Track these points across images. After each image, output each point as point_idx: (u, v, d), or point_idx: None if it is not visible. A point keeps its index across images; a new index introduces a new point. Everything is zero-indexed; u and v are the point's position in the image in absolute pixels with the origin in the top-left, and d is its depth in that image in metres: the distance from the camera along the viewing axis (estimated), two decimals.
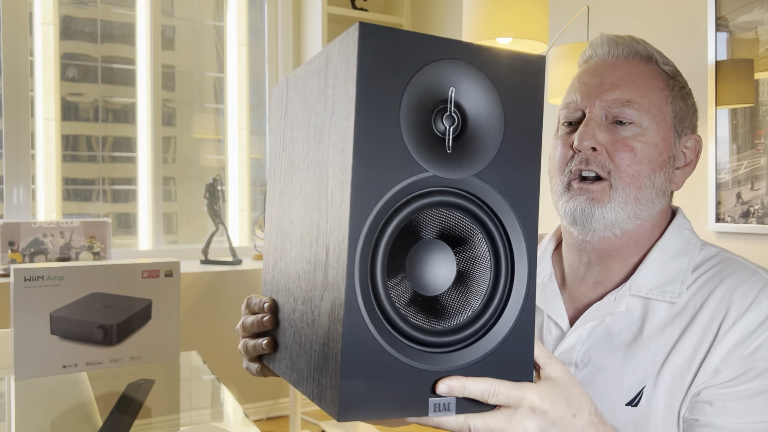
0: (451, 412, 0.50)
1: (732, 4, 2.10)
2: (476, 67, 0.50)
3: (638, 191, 0.76)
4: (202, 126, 3.42)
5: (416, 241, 0.50)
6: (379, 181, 0.47)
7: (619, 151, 0.75)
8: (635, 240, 0.79)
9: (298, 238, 0.57)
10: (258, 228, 3.40)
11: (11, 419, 1.12)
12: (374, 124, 0.47)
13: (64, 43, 3.06)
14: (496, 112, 0.51)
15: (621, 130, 0.76)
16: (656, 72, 0.79)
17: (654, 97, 0.77)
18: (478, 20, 1.88)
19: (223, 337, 3.04)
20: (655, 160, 0.76)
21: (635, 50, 0.80)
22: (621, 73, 0.78)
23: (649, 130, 0.76)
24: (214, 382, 1.38)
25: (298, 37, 3.52)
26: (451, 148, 0.50)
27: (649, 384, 0.73)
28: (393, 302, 0.49)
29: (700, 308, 0.73)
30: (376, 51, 0.47)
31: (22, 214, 2.93)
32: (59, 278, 1.33)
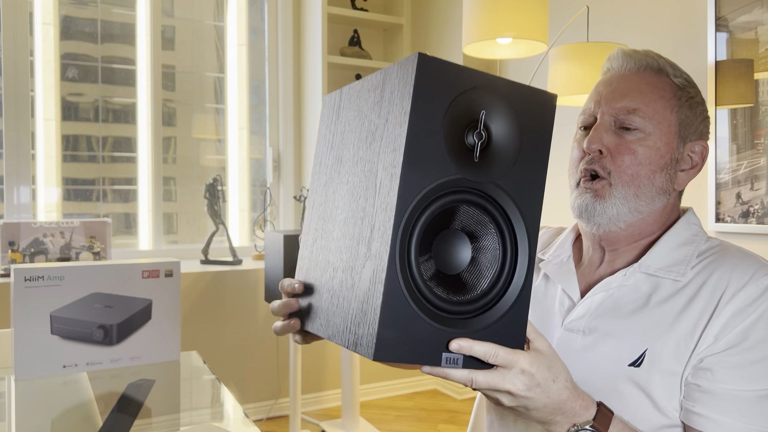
0: (459, 366, 0.64)
1: (732, 4, 2.10)
2: (503, 96, 0.65)
3: (637, 189, 0.85)
4: (202, 126, 3.42)
5: (443, 230, 0.64)
6: (422, 176, 0.60)
7: (621, 154, 0.85)
8: (639, 231, 0.88)
9: (342, 220, 0.69)
10: (258, 228, 3.40)
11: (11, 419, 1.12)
12: (421, 133, 0.60)
13: (64, 43, 3.06)
14: (515, 135, 0.65)
15: (626, 135, 0.85)
16: (665, 83, 0.87)
17: (659, 106, 0.86)
18: (478, 20, 1.88)
19: (223, 337, 3.04)
20: (656, 162, 0.85)
21: (646, 63, 0.88)
22: (630, 83, 0.87)
23: (653, 135, 0.85)
24: (214, 382, 1.38)
25: (298, 37, 3.52)
26: (478, 158, 0.64)
27: (650, 347, 0.80)
28: (422, 274, 0.62)
29: (703, 284, 0.81)
30: (428, 77, 0.60)
31: (22, 214, 2.93)
32: (59, 278, 1.33)
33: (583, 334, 0.86)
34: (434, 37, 3.45)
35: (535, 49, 2.04)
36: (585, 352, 0.85)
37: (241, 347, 3.09)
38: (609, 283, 0.86)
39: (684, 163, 0.88)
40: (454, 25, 3.30)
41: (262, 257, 3.32)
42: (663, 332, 0.80)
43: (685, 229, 0.88)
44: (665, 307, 0.82)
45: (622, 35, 2.55)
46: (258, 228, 3.40)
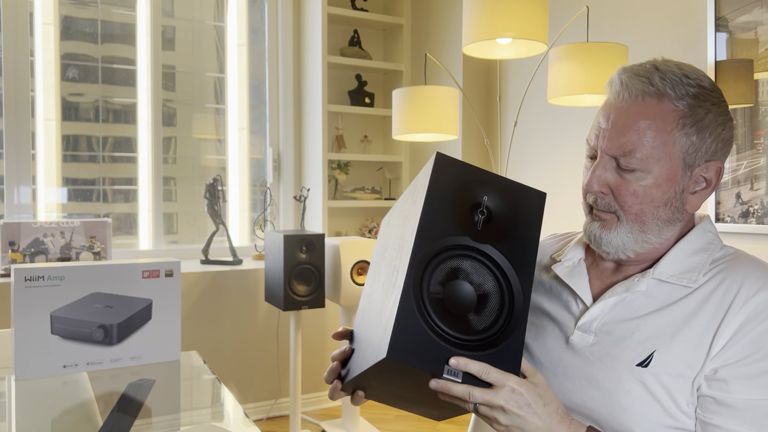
0: (459, 380, 0.76)
1: (732, 4, 2.10)
2: (502, 189, 0.85)
3: (642, 225, 0.86)
4: (203, 126, 3.42)
5: (452, 279, 0.80)
6: (433, 234, 0.80)
7: (622, 195, 0.85)
8: (651, 257, 0.89)
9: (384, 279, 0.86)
10: (258, 228, 3.40)
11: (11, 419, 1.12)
12: (435, 205, 0.81)
13: (64, 44, 3.06)
14: (511, 215, 0.84)
15: (626, 175, 0.84)
16: (666, 111, 0.82)
17: (660, 142, 0.82)
18: (478, 20, 1.88)
19: (223, 337, 3.04)
20: (658, 199, 0.84)
21: (644, 91, 0.83)
22: (627, 119, 0.83)
23: (653, 172, 0.83)
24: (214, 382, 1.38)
25: (298, 37, 3.52)
26: (480, 228, 0.82)
27: (659, 349, 0.81)
28: (431, 304, 0.77)
29: (714, 290, 0.82)
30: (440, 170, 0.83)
31: (22, 214, 2.94)
32: (60, 278, 1.33)
33: (595, 335, 0.87)
34: (434, 37, 3.45)
35: (535, 49, 2.04)
36: (596, 352, 0.86)
37: (241, 347, 3.09)
38: (622, 287, 0.88)
39: (696, 185, 0.86)
40: (454, 25, 3.30)
41: (262, 257, 3.32)
42: (672, 335, 0.81)
43: (700, 236, 0.88)
44: (675, 311, 0.82)
45: (622, 35, 2.55)
46: (258, 228, 3.40)
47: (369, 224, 3.62)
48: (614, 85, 0.86)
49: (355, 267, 2.68)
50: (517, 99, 3.14)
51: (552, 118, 2.92)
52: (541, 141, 2.98)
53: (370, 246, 2.72)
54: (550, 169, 2.93)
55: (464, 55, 3.22)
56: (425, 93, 2.40)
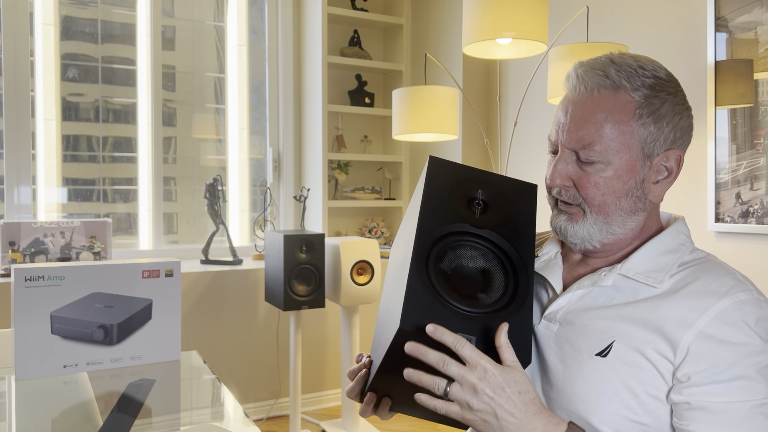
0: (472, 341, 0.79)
1: (732, 4, 2.10)
2: (494, 181, 0.92)
3: (606, 216, 0.87)
4: (203, 126, 3.42)
5: (456, 262, 0.85)
6: (435, 223, 0.85)
7: (584, 187, 0.86)
8: (617, 247, 0.91)
9: (395, 282, 0.88)
10: (258, 228, 3.40)
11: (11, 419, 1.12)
12: (433, 202, 0.87)
13: (64, 44, 3.06)
14: (506, 206, 0.91)
15: (586, 167, 0.86)
16: (623, 102, 0.84)
17: (617, 133, 0.84)
18: (478, 20, 1.88)
19: (223, 337, 3.04)
20: (619, 189, 0.86)
21: (600, 84, 0.85)
22: (584, 112, 0.85)
23: (613, 164, 0.85)
24: (214, 382, 1.38)
25: (298, 37, 3.52)
26: (478, 215, 0.88)
27: (618, 340, 0.82)
28: (439, 282, 0.81)
29: (677, 292, 0.82)
30: (435, 172, 0.91)
31: (22, 214, 2.94)
32: (60, 278, 1.33)
33: (560, 324, 0.89)
34: (434, 37, 3.45)
35: (535, 49, 2.04)
36: (559, 341, 0.88)
37: (241, 347, 3.09)
38: (589, 281, 0.89)
39: (658, 175, 0.87)
40: (454, 25, 3.30)
41: (262, 257, 3.32)
42: (632, 330, 0.81)
43: (672, 237, 0.89)
44: (639, 307, 0.83)
45: (621, 35, 2.55)
46: (258, 228, 3.40)
47: (369, 224, 3.62)
48: (571, 80, 0.88)
49: (355, 267, 2.68)
50: (517, 99, 3.14)
51: (552, 118, 2.92)
52: (541, 141, 2.98)
53: (370, 246, 2.72)
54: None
55: (464, 55, 3.22)
56: (425, 93, 2.40)
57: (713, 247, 2.19)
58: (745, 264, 2.08)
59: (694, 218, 2.24)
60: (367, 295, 2.71)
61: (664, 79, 0.85)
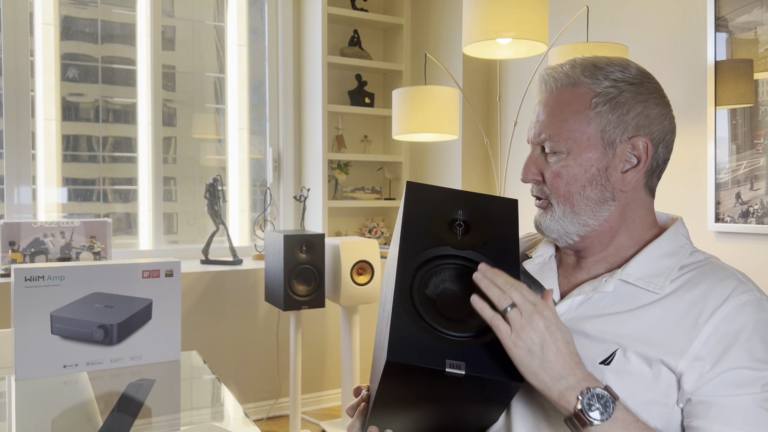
0: (462, 371, 0.76)
1: (732, 4, 2.10)
2: (473, 200, 0.91)
3: (572, 206, 0.89)
4: (203, 126, 3.42)
5: (440, 285, 0.84)
6: (416, 249, 0.85)
7: (549, 179, 0.90)
8: (598, 241, 0.91)
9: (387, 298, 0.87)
10: (258, 228, 3.40)
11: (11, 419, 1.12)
12: (413, 227, 0.87)
13: (64, 44, 3.06)
14: (486, 224, 0.90)
15: (550, 159, 0.89)
16: (579, 95, 0.87)
17: (571, 124, 0.87)
18: (478, 20, 1.88)
19: (223, 337, 3.04)
20: (581, 177, 0.88)
21: (560, 82, 0.89)
22: (546, 108, 0.90)
23: (572, 153, 0.87)
24: (214, 382, 1.38)
25: (298, 37, 3.52)
26: (460, 237, 0.88)
27: (622, 347, 0.82)
28: (423, 308, 0.81)
29: (681, 298, 0.82)
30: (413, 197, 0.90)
31: (22, 214, 2.94)
32: (60, 278, 1.33)
33: None
34: (434, 37, 3.45)
35: (534, 49, 2.04)
36: None
37: (241, 347, 3.09)
38: (589, 287, 0.88)
39: (626, 164, 0.87)
40: (454, 25, 3.30)
41: (262, 257, 3.32)
42: (635, 336, 0.82)
43: (671, 239, 0.89)
44: (640, 314, 0.83)
45: (621, 35, 2.55)
46: (258, 228, 3.40)
47: (369, 224, 3.62)
48: (536, 85, 0.94)
49: (355, 267, 2.68)
50: (517, 99, 3.14)
51: None
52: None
53: (370, 246, 2.72)
54: None
55: (464, 55, 3.22)
56: (425, 93, 2.40)
57: (713, 247, 2.18)
58: (745, 264, 2.08)
59: (694, 218, 2.24)
60: (367, 295, 2.71)
61: (630, 73, 0.88)
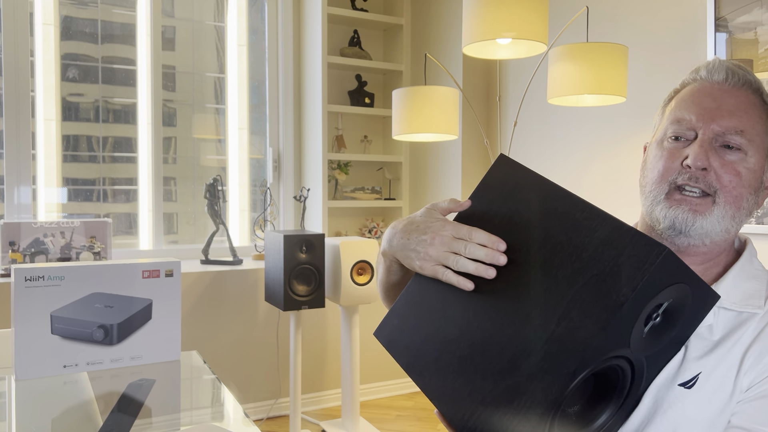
0: None
1: (732, 4, 2.10)
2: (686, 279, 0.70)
3: (736, 210, 0.84)
4: (203, 126, 3.42)
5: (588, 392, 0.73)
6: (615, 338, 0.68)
7: (727, 173, 0.83)
8: (718, 250, 0.88)
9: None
10: (258, 228, 3.40)
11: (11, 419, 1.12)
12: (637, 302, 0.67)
13: (64, 44, 3.06)
14: (681, 317, 0.74)
15: (728, 155, 0.84)
16: (761, 104, 0.87)
17: (760, 128, 0.85)
18: (478, 20, 1.88)
19: (223, 337, 3.04)
20: (752, 184, 0.85)
21: (747, 81, 0.87)
22: (737, 102, 0.85)
23: (752, 157, 0.84)
24: (214, 382, 1.38)
25: (298, 37, 3.52)
26: (645, 335, 0.71)
27: (705, 371, 0.79)
28: None
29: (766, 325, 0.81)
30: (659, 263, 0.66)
31: (22, 214, 2.94)
32: (60, 278, 1.33)
33: None
34: (434, 37, 3.45)
35: (534, 49, 2.04)
36: None
37: (241, 347, 3.09)
38: None
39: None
40: (454, 25, 3.30)
41: (262, 257, 3.32)
42: (721, 362, 0.80)
43: (750, 262, 0.88)
44: (731, 340, 0.81)
45: (621, 35, 2.55)
46: (258, 228, 3.40)
47: (369, 224, 3.62)
48: (719, 72, 0.87)
49: (355, 267, 2.68)
50: (517, 99, 3.14)
51: (552, 118, 2.92)
52: (541, 141, 2.98)
53: (370, 246, 2.72)
54: (550, 169, 2.93)
55: (464, 55, 3.22)
56: (425, 93, 2.40)
57: None
58: None
59: None
60: (367, 295, 2.71)
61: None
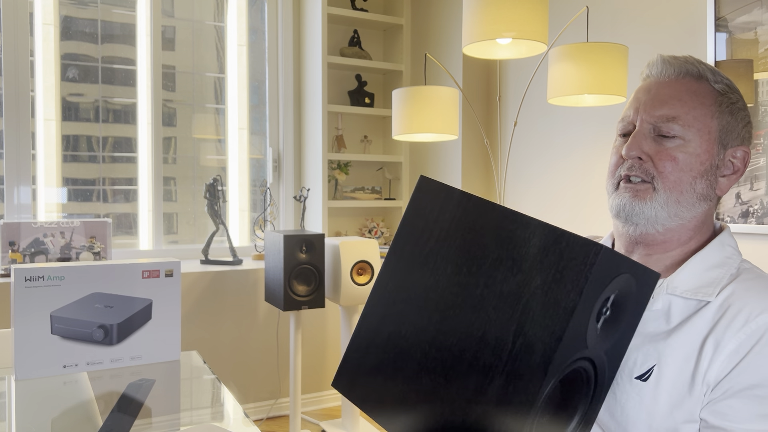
0: None
1: (732, 4, 2.10)
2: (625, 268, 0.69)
3: (679, 195, 0.85)
4: (203, 126, 3.42)
5: None
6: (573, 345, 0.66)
7: (662, 161, 0.85)
8: (678, 237, 0.88)
9: None
10: (258, 228, 3.40)
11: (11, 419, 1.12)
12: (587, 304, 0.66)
13: (64, 44, 3.06)
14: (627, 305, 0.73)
15: (665, 142, 0.85)
16: (705, 89, 0.87)
17: (699, 113, 0.85)
18: (478, 20, 1.88)
19: (223, 337, 3.04)
20: (696, 168, 0.85)
21: (686, 70, 0.88)
22: (670, 91, 0.87)
23: (693, 142, 0.85)
24: (214, 382, 1.38)
25: (298, 37, 3.52)
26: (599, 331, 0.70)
27: (660, 363, 0.80)
28: None
29: (726, 311, 0.80)
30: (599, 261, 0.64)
31: (22, 214, 2.94)
32: (60, 278, 1.33)
33: None
34: (434, 37, 3.45)
35: (534, 49, 2.04)
36: None
37: (241, 347, 3.09)
38: None
39: (725, 169, 0.88)
40: (454, 25, 3.30)
41: (262, 257, 3.32)
42: (673, 350, 0.80)
43: (719, 249, 0.87)
44: (684, 329, 0.81)
45: (621, 35, 2.55)
46: (258, 228, 3.40)
47: (369, 224, 3.62)
48: (656, 66, 0.90)
49: (355, 267, 2.68)
50: (517, 99, 3.14)
51: (552, 118, 2.92)
52: (541, 141, 2.98)
53: (370, 246, 2.72)
54: (550, 170, 2.93)
55: (464, 55, 3.22)
56: (425, 93, 2.40)
57: None
58: None
59: None
60: (366, 295, 2.71)
61: (734, 86, 0.89)
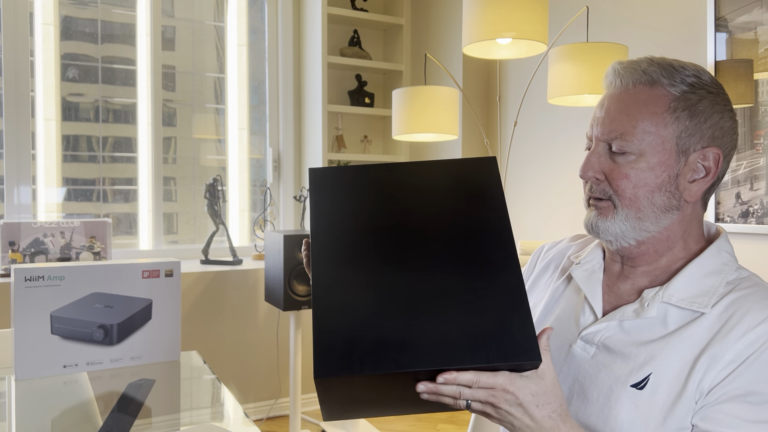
0: None
1: (732, 4, 2.10)
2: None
3: (638, 211, 0.85)
4: (203, 126, 3.42)
5: None
6: None
7: (615, 179, 0.85)
8: (654, 249, 0.88)
9: None
10: (258, 228, 3.40)
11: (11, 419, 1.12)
12: None
13: (64, 44, 3.06)
14: None
15: (618, 159, 0.85)
16: (658, 96, 0.83)
17: (648, 125, 0.83)
18: (478, 20, 1.88)
19: (223, 337, 3.04)
20: (651, 182, 0.84)
21: (636, 79, 0.85)
22: (619, 105, 0.85)
23: (645, 156, 0.83)
24: (214, 382, 1.38)
25: (298, 37, 3.52)
26: None
27: (656, 372, 0.79)
28: None
29: (725, 323, 0.79)
30: None
31: (22, 214, 2.94)
32: (60, 278, 1.33)
33: (597, 347, 0.86)
34: (434, 37, 3.45)
35: (534, 49, 2.04)
36: (595, 364, 0.86)
37: (241, 347, 3.09)
38: (633, 312, 0.85)
39: (694, 174, 0.84)
40: (454, 25, 3.30)
41: (262, 257, 3.32)
42: (670, 359, 0.79)
43: (715, 256, 0.85)
44: (681, 336, 0.80)
45: (621, 35, 2.55)
46: (258, 228, 3.40)
47: None
48: (608, 76, 0.88)
49: None
50: (517, 99, 3.14)
51: (552, 118, 2.92)
52: (541, 141, 2.98)
53: None
54: (550, 169, 2.93)
55: (464, 55, 3.22)
56: (425, 93, 2.40)
57: None
58: (745, 264, 2.08)
59: None
60: None
61: (706, 81, 0.84)
